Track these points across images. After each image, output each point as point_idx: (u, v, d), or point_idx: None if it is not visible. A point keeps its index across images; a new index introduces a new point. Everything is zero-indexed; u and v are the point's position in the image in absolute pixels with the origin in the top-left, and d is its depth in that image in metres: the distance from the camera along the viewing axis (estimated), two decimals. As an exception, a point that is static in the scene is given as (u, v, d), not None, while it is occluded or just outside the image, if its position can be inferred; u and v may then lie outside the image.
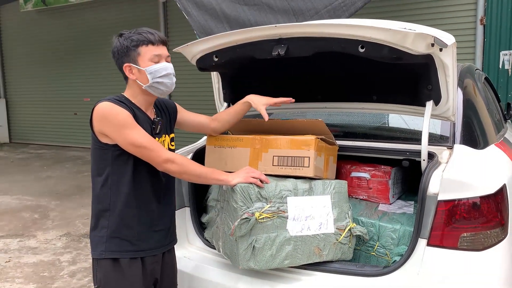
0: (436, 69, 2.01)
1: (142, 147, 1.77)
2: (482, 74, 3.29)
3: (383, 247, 2.10)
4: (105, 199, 1.83)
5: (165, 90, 1.88)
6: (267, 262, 1.93)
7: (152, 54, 1.81)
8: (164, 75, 1.84)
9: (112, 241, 1.83)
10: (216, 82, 2.65)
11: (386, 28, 1.81)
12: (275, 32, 2.02)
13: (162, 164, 1.81)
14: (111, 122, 1.76)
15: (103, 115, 1.77)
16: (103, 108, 1.78)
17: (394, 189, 2.39)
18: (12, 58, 11.78)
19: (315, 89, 2.52)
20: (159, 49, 1.84)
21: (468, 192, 1.82)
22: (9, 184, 7.16)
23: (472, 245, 1.81)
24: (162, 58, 1.84)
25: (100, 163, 1.84)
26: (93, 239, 1.87)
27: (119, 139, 1.77)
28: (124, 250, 1.83)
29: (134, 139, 1.76)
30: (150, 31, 1.84)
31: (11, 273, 3.91)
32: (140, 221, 1.86)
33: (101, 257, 1.83)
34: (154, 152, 1.79)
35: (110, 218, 1.83)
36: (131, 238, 1.84)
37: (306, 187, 2.05)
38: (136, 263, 1.85)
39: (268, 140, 2.17)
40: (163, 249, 1.97)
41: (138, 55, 1.81)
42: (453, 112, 2.13)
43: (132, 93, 1.88)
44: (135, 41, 1.80)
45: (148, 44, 1.81)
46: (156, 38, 1.83)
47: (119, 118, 1.75)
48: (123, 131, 1.75)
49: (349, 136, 2.56)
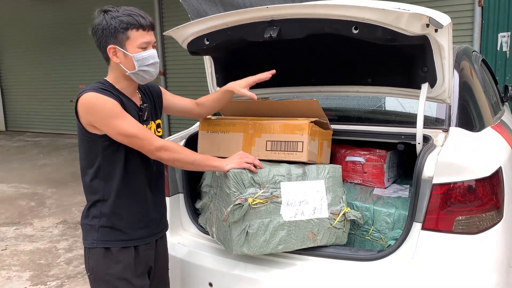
0: (431, 50, 1.97)
1: (133, 136, 1.71)
2: (479, 56, 3.25)
3: (378, 231, 2.09)
4: (98, 190, 1.79)
5: (148, 79, 1.81)
6: (260, 248, 1.91)
7: (142, 40, 1.73)
8: (151, 64, 1.78)
9: (104, 230, 1.79)
10: (209, 67, 2.61)
11: (379, 8, 1.77)
12: (266, 14, 1.97)
13: (154, 153, 1.76)
14: (98, 113, 1.68)
15: (89, 106, 1.70)
16: (89, 98, 1.70)
17: (389, 173, 2.37)
18: (6, 45, 11.65)
19: (309, 72, 2.48)
20: (149, 35, 1.76)
21: (463, 175, 1.80)
22: (5, 172, 7.14)
23: (467, 228, 1.80)
24: (150, 44, 1.77)
25: (89, 154, 1.78)
26: (84, 227, 1.84)
27: (108, 130, 1.71)
28: (116, 239, 1.80)
29: (124, 129, 1.70)
30: (142, 15, 1.74)
31: (8, 261, 3.91)
32: (132, 210, 1.83)
33: (93, 246, 1.80)
34: (146, 141, 1.73)
35: (103, 208, 1.79)
36: (123, 227, 1.81)
37: (300, 172, 2.03)
38: (128, 252, 1.82)
39: (261, 125, 2.14)
40: (156, 237, 1.94)
41: (127, 39, 1.72)
42: (449, 94, 2.10)
43: (115, 78, 1.80)
44: (125, 23, 1.70)
45: (139, 29, 1.72)
46: (147, 23, 1.74)
47: (106, 108, 1.68)
48: (111, 122, 1.69)
49: (344, 120, 2.53)
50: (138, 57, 1.73)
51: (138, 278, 1.84)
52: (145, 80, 1.82)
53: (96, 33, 1.74)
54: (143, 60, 1.74)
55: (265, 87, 2.60)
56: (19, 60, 11.38)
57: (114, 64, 1.77)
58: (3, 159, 8.24)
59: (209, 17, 2.11)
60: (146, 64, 1.76)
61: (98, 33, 1.73)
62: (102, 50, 1.76)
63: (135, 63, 1.74)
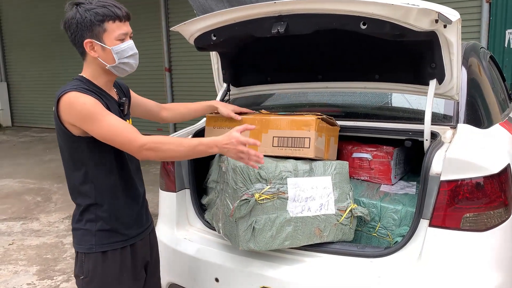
0: (440, 46, 1.96)
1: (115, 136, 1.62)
2: (487, 53, 3.23)
3: (385, 228, 2.09)
4: (89, 194, 1.71)
5: (129, 71, 1.74)
6: (267, 243, 1.91)
7: (119, 32, 1.65)
8: (130, 55, 1.70)
9: (102, 234, 1.73)
10: (215, 62, 2.61)
11: (388, 4, 1.76)
12: (274, 9, 1.96)
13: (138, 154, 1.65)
14: (78, 113, 1.59)
15: (69, 106, 1.60)
16: (68, 98, 1.60)
17: (396, 169, 2.36)
18: (12, 41, 11.69)
19: (316, 68, 2.47)
20: (126, 26, 1.69)
21: (471, 172, 1.79)
22: (12, 167, 7.18)
23: (475, 225, 1.79)
24: (127, 36, 1.70)
25: (74, 156, 1.70)
26: (78, 232, 1.76)
27: (90, 130, 1.62)
28: (114, 241, 1.75)
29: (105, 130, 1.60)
30: (116, 5, 1.66)
31: (15, 256, 3.94)
32: (128, 210, 1.78)
33: (90, 251, 1.73)
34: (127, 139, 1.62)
35: (97, 211, 1.72)
36: (121, 228, 1.76)
37: (307, 168, 2.03)
38: (126, 252, 1.78)
39: (268, 121, 2.14)
40: (148, 231, 1.91)
41: (104, 31, 1.63)
42: (457, 91, 2.09)
43: (93, 73, 1.71)
44: (101, 15, 1.62)
45: (116, 20, 1.64)
46: (123, 14, 1.67)
47: (86, 108, 1.59)
48: (93, 122, 1.60)
49: (351, 116, 2.52)
50: (117, 49, 1.66)
51: (135, 277, 1.81)
52: (125, 73, 1.74)
53: (70, 28, 1.65)
54: (122, 52, 1.68)
55: (272, 83, 2.60)
56: (25, 56, 11.43)
57: (91, 59, 1.68)
58: (9, 155, 8.29)
59: (216, 13, 2.11)
60: (126, 56, 1.69)
61: (72, 28, 1.64)
62: (78, 45, 1.67)
63: (115, 56, 1.67)
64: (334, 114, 2.30)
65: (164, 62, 8.79)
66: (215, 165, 2.33)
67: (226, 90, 2.60)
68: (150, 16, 8.71)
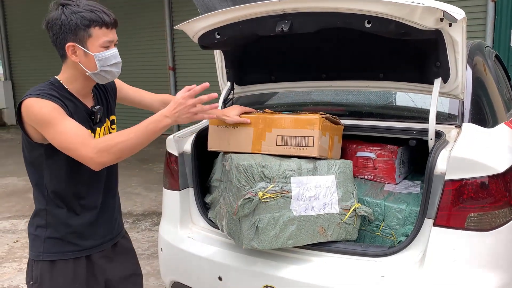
0: (445, 45, 1.95)
1: (67, 149, 1.54)
2: (492, 52, 3.21)
3: (389, 227, 2.08)
4: (42, 198, 1.66)
5: (110, 79, 1.68)
6: (270, 242, 1.91)
7: (104, 39, 1.59)
8: (113, 64, 1.63)
9: (51, 242, 1.67)
10: (219, 61, 2.61)
11: (393, 2, 1.75)
12: (278, 8, 1.96)
13: (94, 161, 1.54)
14: (34, 118, 1.54)
15: (28, 111, 1.54)
16: (28, 103, 1.54)
17: (400, 169, 2.35)
18: (17, 40, 11.75)
19: (321, 67, 2.46)
20: (112, 33, 1.62)
21: (476, 172, 1.78)
22: (16, 165, 7.21)
23: (480, 225, 1.78)
24: (112, 43, 1.63)
25: (33, 161, 1.65)
26: (30, 237, 1.72)
27: (47, 136, 1.56)
28: (64, 251, 1.67)
29: (58, 138, 1.54)
30: (105, 11, 1.60)
31: (19, 253, 3.96)
32: (81, 218, 1.70)
33: (38, 259, 1.67)
34: (80, 144, 1.53)
35: (48, 217, 1.66)
36: (72, 237, 1.68)
37: (311, 167, 2.02)
38: (79, 263, 1.70)
39: (272, 119, 2.13)
40: (111, 242, 1.82)
41: (88, 36, 1.57)
42: (462, 90, 2.08)
43: (69, 78, 1.65)
44: (87, 20, 1.55)
45: (102, 26, 1.58)
46: (111, 21, 1.60)
47: (42, 113, 1.52)
48: (48, 129, 1.53)
49: (355, 115, 2.52)
50: (100, 56, 1.60)
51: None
52: (106, 80, 1.69)
53: (53, 28, 1.59)
54: (105, 60, 1.61)
55: (276, 82, 2.60)
56: (30, 55, 11.48)
57: (71, 63, 1.62)
58: (14, 153, 8.33)
59: (220, 11, 2.10)
60: (109, 64, 1.62)
61: (55, 28, 1.58)
62: (59, 47, 1.61)
63: (97, 62, 1.60)
64: (338, 113, 2.29)
65: (168, 60, 8.81)
66: (219, 164, 2.33)
67: (230, 88, 2.60)
68: (154, 15, 8.73)
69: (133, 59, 9.15)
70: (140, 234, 4.34)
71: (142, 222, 4.65)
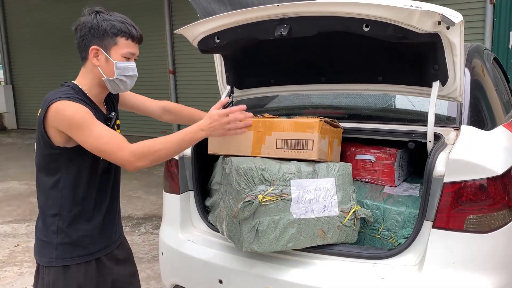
0: (443, 48, 1.96)
1: (102, 151, 1.60)
2: (491, 54, 3.22)
3: (388, 229, 2.09)
4: (55, 202, 1.68)
5: (122, 89, 1.75)
6: (270, 245, 1.92)
7: (128, 50, 1.68)
8: (130, 76, 1.71)
9: (64, 247, 1.68)
10: (219, 65, 2.62)
11: (391, 6, 1.76)
12: (277, 12, 1.97)
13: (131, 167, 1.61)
14: (69, 123, 1.57)
15: (60, 114, 1.57)
16: (59, 107, 1.57)
17: (399, 171, 2.36)
18: (18, 44, 11.78)
19: (320, 70, 2.48)
20: (135, 47, 1.71)
21: (475, 174, 1.79)
22: (17, 169, 7.22)
23: (479, 227, 1.79)
24: (134, 57, 1.72)
25: (50, 164, 1.67)
26: (39, 242, 1.72)
27: (79, 140, 1.60)
28: (76, 256, 1.70)
29: (94, 144, 1.59)
30: (134, 25, 1.69)
31: (20, 257, 3.96)
32: (93, 223, 1.74)
33: (50, 265, 1.68)
34: (116, 155, 1.60)
35: (60, 222, 1.68)
36: (84, 241, 1.71)
37: (310, 170, 2.03)
38: (91, 266, 1.73)
39: (272, 123, 2.15)
40: (116, 244, 1.86)
41: (114, 44, 1.66)
42: (460, 92, 2.09)
43: (87, 83, 1.70)
44: (117, 29, 1.64)
45: (129, 38, 1.68)
46: (137, 35, 1.70)
47: (76, 118, 1.57)
48: (82, 132, 1.57)
49: (354, 118, 2.53)
50: (120, 65, 1.68)
51: None
52: (118, 90, 1.74)
53: (82, 30, 1.67)
54: (124, 69, 1.69)
55: (275, 85, 2.61)
56: (30, 59, 11.51)
57: (91, 66, 1.68)
58: (15, 157, 8.34)
59: (220, 15, 2.12)
60: (126, 74, 1.70)
61: (83, 30, 1.66)
62: (83, 48, 1.68)
63: (116, 70, 1.67)
64: (337, 116, 2.31)
65: (168, 64, 8.83)
66: (219, 167, 2.34)
67: (229, 92, 2.61)
68: (154, 19, 8.75)
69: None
70: (141, 237, 4.34)
71: (142, 226, 4.66)
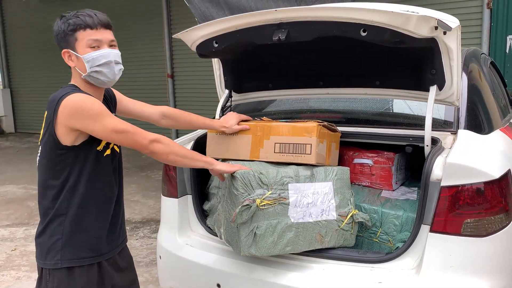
0: (440, 53, 1.97)
1: (125, 131, 1.64)
2: (488, 59, 3.24)
3: (386, 233, 2.09)
4: (61, 203, 1.67)
5: (106, 81, 1.69)
6: (268, 249, 1.92)
7: (90, 38, 1.63)
8: (103, 64, 1.65)
9: (68, 249, 1.67)
10: (217, 69, 2.63)
11: (388, 11, 1.78)
12: (275, 17, 1.98)
13: (148, 146, 1.68)
14: (88, 113, 1.59)
15: (78, 107, 1.59)
16: (77, 100, 1.59)
17: (397, 175, 2.37)
18: (16, 48, 11.76)
19: (317, 75, 2.49)
20: (99, 33, 1.65)
21: (472, 178, 1.79)
22: (15, 173, 7.20)
23: (476, 231, 1.79)
24: (103, 43, 1.66)
25: (57, 166, 1.66)
26: (42, 247, 1.70)
27: (98, 129, 1.61)
28: (81, 257, 1.69)
29: (116, 125, 1.63)
30: (90, 13, 1.65)
31: (17, 261, 3.95)
32: (97, 224, 1.74)
33: (56, 267, 1.67)
34: (138, 134, 1.66)
35: (66, 223, 1.68)
36: (88, 243, 1.71)
37: (308, 174, 2.04)
38: (93, 270, 1.72)
39: (270, 127, 2.15)
40: (118, 249, 1.85)
41: (75, 40, 1.64)
42: (457, 97, 2.10)
43: (79, 84, 1.70)
44: (72, 25, 1.62)
45: (86, 28, 1.63)
46: (95, 22, 1.64)
47: (95, 108, 1.60)
48: (102, 120, 1.60)
49: (352, 122, 2.54)
50: (88, 57, 1.64)
51: None
52: (102, 83, 1.70)
53: (56, 40, 1.69)
54: (93, 60, 1.64)
55: (273, 90, 2.62)
56: (28, 62, 11.50)
57: (72, 68, 1.70)
58: (13, 160, 8.32)
59: (218, 20, 2.13)
60: (97, 64, 1.64)
61: (56, 39, 1.69)
62: (61, 55, 1.69)
63: (86, 64, 1.64)
64: (335, 120, 2.31)
65: (167, 68, 8.84)
66: (217, 171, 2.34)
67: (228, 96, 2.62)
68: (152, 23, 8.76)
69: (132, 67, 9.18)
70: (139, 241, 4.34)
71: (140, 230, 4.65)
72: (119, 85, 1.84)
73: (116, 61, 1.69)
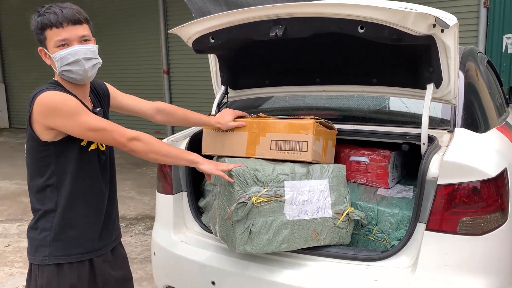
0: (437, 50, 1.96)
1: (102, 129, 1.59)
2: (484, 57, 3.24)
3: (382, 231, 2.09)
4: (49, 200, 1.65)
5: (78, 78, 1.63)
6: (263, 246, 1.91)
7: (56, 39, 1.57)
8: (72, 62, 1.59)
9: (57, 245, 1.65)
10: (214, 65, 2.61)
11: (386, 8, 1.76)
12: (272, 12, 1.97)
13: (127, 144, 1.63)
14: (61, 111, 1.54)
15: (50, 106, 1.54)
16: (48, 98, 1.55)
17: (393, 173, 2.36)
18: (10, 42, 11.68)
19: (314, 72, 2.48)
20: (66, 31, 1.57)
21: (468, 176, 1.79)
22: (9, 169, 7.15)
23: (472, 229, 1.79)
24: (72, 41, 1.59)
25: (40, 162, 1.63)
26: (32, 242, 1.69)
27: (73, 128, 1.57)
28: (70, 254, 1.67)
29: (91, 123, 1.58)
30: (55, 10, 1.57)
31: (11, 257, 3.92)
32: (87, 221, 1.71)
33: (44, 263, 1.65)
34: (115, 132, 1.61)
35: (55, 219, 1.65)
36: (78, 240, 1.68)
37: (304, 171, 2.03)
38: (83, 266, 1.69)
39: (266, 124, 2.14)
40: (110, 246, 1.82)
41: (45, 39, 1.60)
42: (454, 95, 2.09)
43: (60, 79, 1.67)
44: (40, 24, 1.58)
45: (52, 27, 1.57)
46: (59, 20, 1.56)
47: (69, 105, 1.55)
48: (77, 118, 1.55)
49: (348, 119, 2.53)
50: (56, 56, 1.59)
51: None
52: (75, 80, 1.65)
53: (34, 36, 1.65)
54: (61, 59, 1.59)
55: (270, 86, 2.61)
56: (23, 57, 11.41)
57: None
58: (6, 156, 8.27)
59: (215, 15, 2.11)
60: (66, 63, 1.59)
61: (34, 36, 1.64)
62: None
63: (56, 63, 1.60)
64: (332, 117, 2.30)
65: (163, 64, 8.80)
66: (213, 168, 2.33)
67: (224, 92, 2.60)
68: (148, 18, 8.72)
69: (128, 62, 9.14)
70: (133, 238, 4.32)
71: (135, 226, 4.63)
72: (114, 80, 1.82)
73: (86, 58, 1.61)
